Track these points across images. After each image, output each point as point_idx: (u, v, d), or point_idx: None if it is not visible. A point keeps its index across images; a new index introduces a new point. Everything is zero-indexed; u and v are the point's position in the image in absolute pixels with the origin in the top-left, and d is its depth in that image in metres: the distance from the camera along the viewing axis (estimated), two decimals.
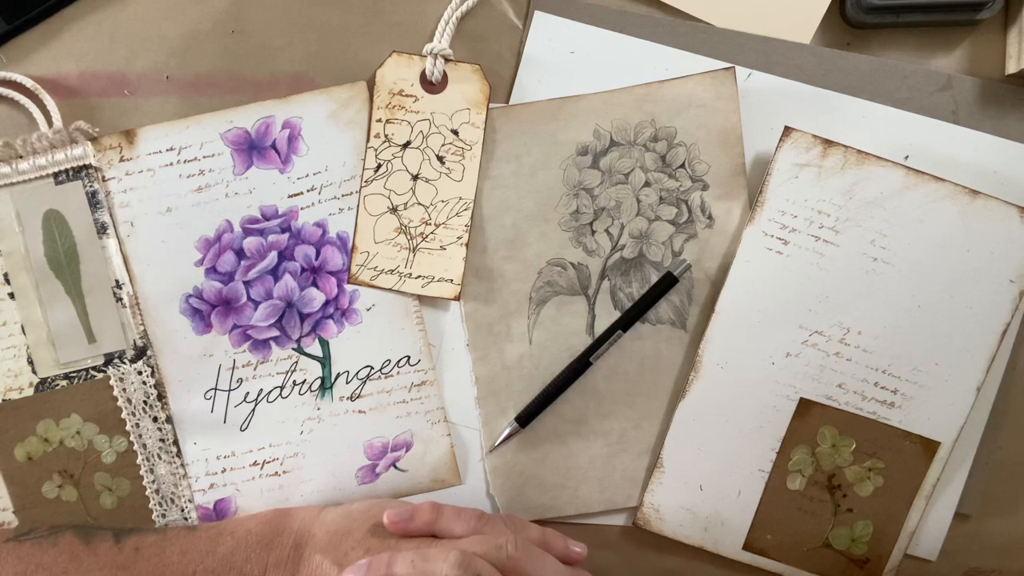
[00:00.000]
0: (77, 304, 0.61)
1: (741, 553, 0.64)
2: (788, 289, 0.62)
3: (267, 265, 0.62)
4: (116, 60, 0.61)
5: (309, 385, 0.63)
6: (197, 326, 0.62)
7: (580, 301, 0.64)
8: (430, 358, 0.64)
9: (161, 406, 0.63)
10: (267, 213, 0.62)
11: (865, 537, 0.64)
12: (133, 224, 0.62)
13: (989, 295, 0.61)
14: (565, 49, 0.63)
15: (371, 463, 0.64)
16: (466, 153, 0.62)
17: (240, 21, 0.62)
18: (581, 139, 0.63)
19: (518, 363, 0.64)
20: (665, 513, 0.64)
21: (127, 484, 0.63)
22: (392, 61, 0.62)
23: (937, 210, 0.61)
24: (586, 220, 0.63)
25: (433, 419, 0.64)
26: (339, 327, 0.63)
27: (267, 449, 0.64)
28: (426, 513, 0.55)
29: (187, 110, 0.61)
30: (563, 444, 0.65)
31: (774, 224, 0.62)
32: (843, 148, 0.61)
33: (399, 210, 0.63)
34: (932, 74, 0.63)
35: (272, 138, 0.62)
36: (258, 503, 0.64)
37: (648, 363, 0.64)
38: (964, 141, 0.63)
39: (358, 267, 0.63)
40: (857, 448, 0.63)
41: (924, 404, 0.62)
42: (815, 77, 0.63)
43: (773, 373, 0.63)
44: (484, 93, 0.62)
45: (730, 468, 0.64)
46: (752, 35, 0.63)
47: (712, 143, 0.63)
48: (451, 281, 0.63)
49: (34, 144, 0.60)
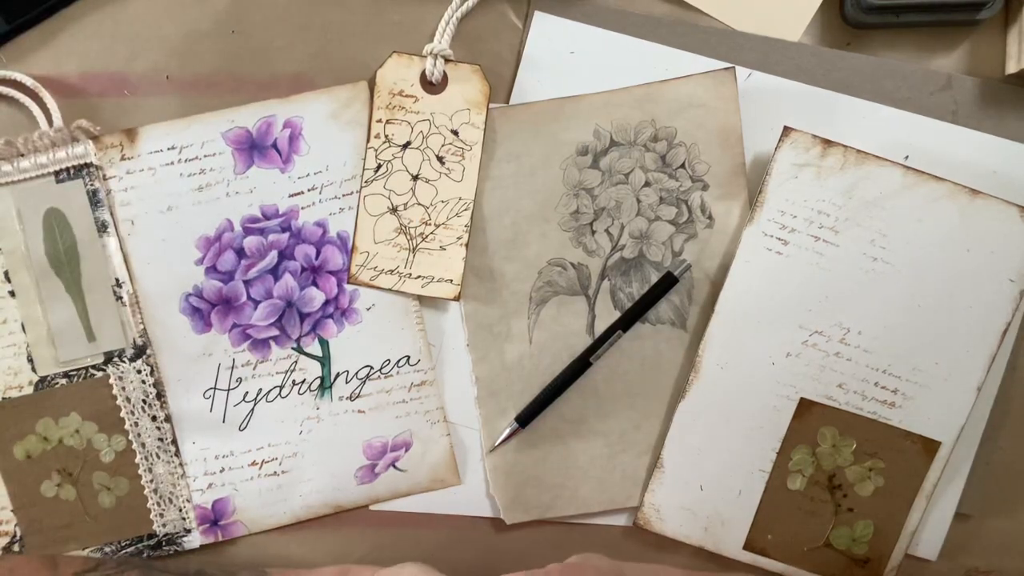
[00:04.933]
0: (77, 302, 0.61)
1: (742, 553, 0.64)
2: (788, 289, 0.62)
3: (267, 264, 0.62)
4: (116, 60, 0.61)
5: (308, 385, 0.63)
6: (197, 325, 0.62)
7: (580, 301, 0.64)
8: (430, 358, 0.64)
9: (160, 405, 0.63)
10: (267, 212, 0.62)
11: (866, 537, 0.64)
12: (134, 223, 0.62)
13: (989, 295, 0.61)
14: (565, 49, 0.63)
15: (370, 463, 0.64)
16: (466, 153, 0.62)
17: (240, 21, 0.62)
18: (581, 139, 0.63)
19: (518, 363, 0.64)
20: (665, 513, 0.64)
21: (126, 483, 0.63)
22: (392, 61, 0.62)
23: (937, 210, 0.61)
24: (586, 220, 0.63)
25: (433, 419, 0.64)
26: (339, 327, 0.63)
27: (266, 449, 0.64)
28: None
29: (187, 110, 0.62)
30: (563, 444, 0.65)
31: (774, 224, 0.62)
32: (842, 148, 0.61)
33: (399, 210, 0.63)
34: (932, 74, 0.63)
35: (273, 137, 0.62)
36: (256, 503, 0.64)
37: (648, 363, 0.64)
38: (964, 141, 0.63)
39: (358, 267, 0.63)
40: (857, 448, 0.63)
41: (924, 404, 0.62)
42: (815, 77, 0.63)
43: (773, 373, 0.63)
44: (484, 93, 0.62)
45: (730, 468, 0.64)
46: (752, 35, 0.63)
47: (712, 143, 0.63)
48: (451, 281, 0.63)
49: (35, 142, 0.60)
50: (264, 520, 0.64)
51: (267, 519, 0.64)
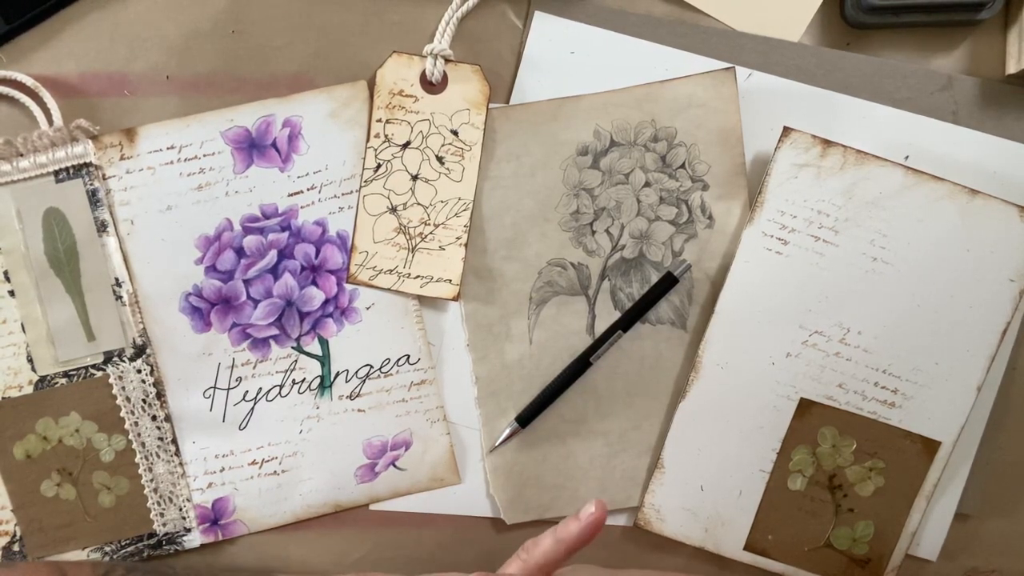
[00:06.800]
0: (77, 302, 0.61)
1: (742, 553, 0.64)
2: (788, 289, 0.62)
3: (267, 263, 0.62)
4: (116, 60, 0.61)
5: (308, 384, 0.63)
6: (196, 324, 0.62)
7: (580, 301, 0.64)
8: (429, 357, 0.64)
9: (160, 405, 0.63)
10: (267, 211, 0.62)
11: (866, 537, 0.63)
12: (133, 222, 0.62)
13: (989, 294, 0.61)
14: (565, 49, 0.63)
15: (370, 462, 0.64)
16: (465, 154, 0.62)
17: (240, 21, 0.62)
18: (581, 139, 0.63)
19: (518, 363, 0.64)
20: (666, 513, 0.64)
21: (125, 483, 0.63)
22: (392, 61, 0.62)
23: (937, 210, 0.61)
24: (586, 220, 0.63)
25: (432, 418, 0.64)
26: (339, 326, 0.63)
27: (266, 448, 0.64)
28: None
29: (187, 110, 0.61)
30: (563, 444, 0.65)
31: (774, 224, 0.62)
32: (842, 148, 0.61)
33: (398, 210, 0.63)
34: (932, 74, 0.63)
35: (272, 137, 0.62)
36: (256, 502, 0.64)
37: (648, 363, 0.64)
38: (964, 141, 0.63)
39: (357, 267, 0.63)
40: (858, 448, 0.63)
41: (924, 404, 0.62)
42: (815, 77, 0.63)
43: (773, 373, 0.63)
44: (484, 94, 0.62)
45: (731, 468, 0.64)
46: (752, 35, 0.63)
47: (712, 143, 0.63)
48: (450, 281, 0.63)
49: (35, 142, 0.60)
50: (264, 519, 0.64)
51: (267, 518, 0.64)
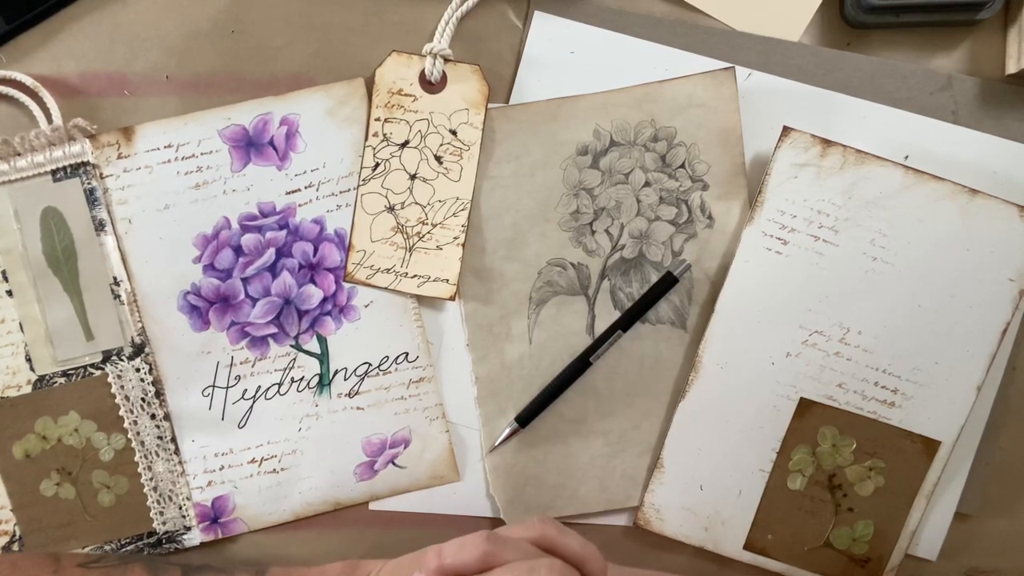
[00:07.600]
0: (75, 301, 0.61)
1: (742, 553, 0.64)
2: (788, 289, 0.62)
3: (265, 262, 0.62)
4: (116, 60, 0.61)
5: (307, 382, 0.63)
6: (195, 323, 0.62)
7: (580, 301, 0.64)
8: (428, 355, 0.64)
9: (159, 403, 0.63)
10: (265, 210, 0.62)
11: (866, 537, 0.63)
12: (131, 221, 0.62)
13: (989, 294, 0.61)
14: (565, 49, 0.63)
15: (369, 460, 0.64)
16: (464, 153, 0.62)
17: (240, 21, 0.62)
18: (581, 139, 0.63)
19: (518, 363, 0.64)
20: (665, 513, 0.64)
21: (125, 482, 0.63)
22: (392, 60, 0.62)
23: (937, 210, 0.61)
24: (586, 220, 0.63)
25: (431, 416, 0.64)
26: (337, 324, 0.63)
27: (265, 446, 0.64)
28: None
29: (187, 110, 0.62)
30: (563, 444, 0.64)
31: (773, 224, 0.62)
32: (842, 148, 0.61)
33: (396, 209, 0.63)
34: (932, 74, 0.63)
35: (270, 135, 0.62)
36: (256, 500, 0.64)
37: (648, 363, 0.64)
38: (964, 141, 0.63)
39: (354, 265, 0.63)
40: (857, 448, 0.63)
41: (924, 403, 0.62)
42: (815, 77, 0.63)
43: (773, 373, 0.62)
44: (483, 94, 0.62)
45: (730, 468, 0.64)
46: (752, 35, 0.63)
47: (712, 143, 0.63)
48: (447, 281, 0.63)
49: (32, 141, 0.60)
50: (264, 517, 0.64)
51: (267, 516, 0.64)
